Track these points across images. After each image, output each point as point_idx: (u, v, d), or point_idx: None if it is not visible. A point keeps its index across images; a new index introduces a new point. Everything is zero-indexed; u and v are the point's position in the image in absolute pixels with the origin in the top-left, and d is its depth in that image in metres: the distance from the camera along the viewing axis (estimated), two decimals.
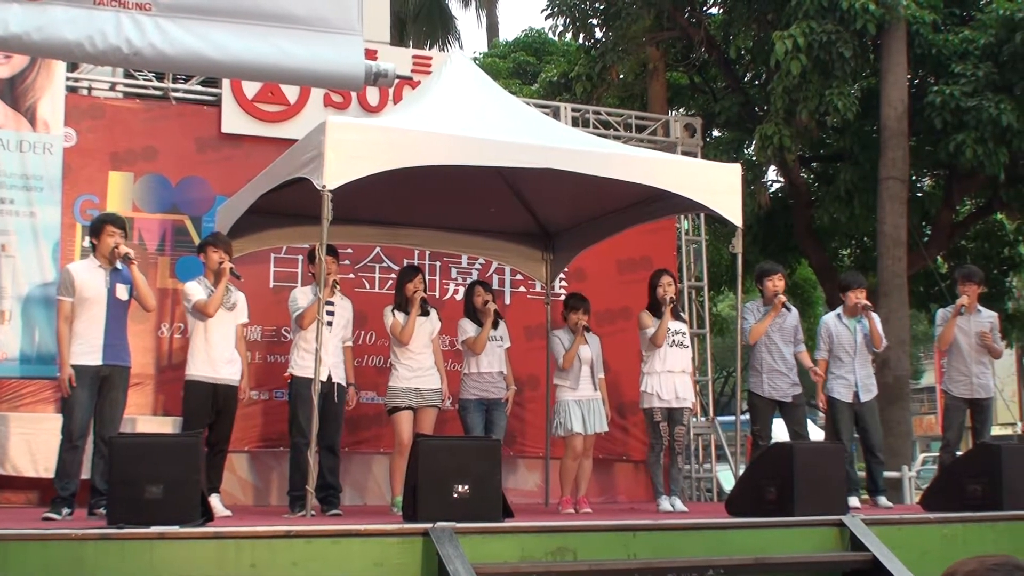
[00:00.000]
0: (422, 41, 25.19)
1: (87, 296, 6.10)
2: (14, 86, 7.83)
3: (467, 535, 4.86)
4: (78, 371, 6.00)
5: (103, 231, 6.20)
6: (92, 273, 6.18)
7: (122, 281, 6.24)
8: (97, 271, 6.18)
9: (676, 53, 13.38)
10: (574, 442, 7.15)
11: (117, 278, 6.21)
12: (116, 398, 6.15)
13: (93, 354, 6.07)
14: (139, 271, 6.33)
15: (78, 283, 6.10)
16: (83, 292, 6.10)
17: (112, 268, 6.20)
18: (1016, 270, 14.88)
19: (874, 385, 7.64)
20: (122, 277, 6.24)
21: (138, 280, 6.27)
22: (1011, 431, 26.37)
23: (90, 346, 6.07)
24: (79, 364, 6.02)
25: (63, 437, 6.01)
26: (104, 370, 6.09)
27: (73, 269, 6.26)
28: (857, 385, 7.48)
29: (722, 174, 6.77)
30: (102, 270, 6.18)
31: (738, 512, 6.04)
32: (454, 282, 9.09)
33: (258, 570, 4.54)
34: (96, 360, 6.07)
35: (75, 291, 6.10)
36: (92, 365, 6.06)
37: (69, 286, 6.12)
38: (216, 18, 3.78)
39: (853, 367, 7.49)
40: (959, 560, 1.56)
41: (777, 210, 13.55)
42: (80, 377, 6.00)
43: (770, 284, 7.48)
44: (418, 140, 5.88)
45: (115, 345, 6.17)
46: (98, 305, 6.12)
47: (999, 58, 10.52)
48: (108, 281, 6.17)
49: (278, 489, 8.06)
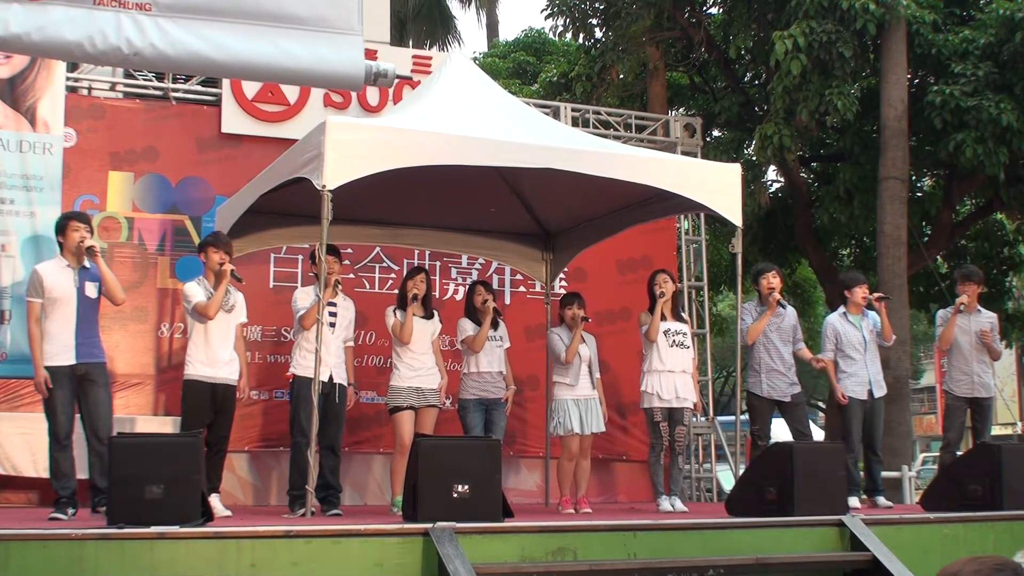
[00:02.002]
0: (422, 41, 25.19)
1: (56, 296, 6.06)
2: (14, 86, 7.83)
3: (467, 535, 4.86)
4: (53, 372, 5.97)
5: (67, 227, 6.16)
6: (60, 273, 6.14)
7: (91, 279, 6.19)
8: (65, 271, 6.14)
9: (676, 53, 13.38)
10: (570, 443, 7.15)
11: (86, 276, 6.17)
12: (99, 395, 6.13)
13: (66, 354, 6.04)
14: (105, 264, 6.27)
15: (47, 283, 6.07)
16: (52, 292, 6.06)
17: (80, 267, 6.17)
18: (1016, 270, 14.87)
19: (884, 382, 7.66)
20: (90, 275, 6.20)
21: (105, 274, 6.21)
22: (1011, 431, 26.38)
23: (62, 346, 6.04)
24: (53, 365, 5.99)
25: (50, 439, 6.00)
26: (80, 369, 6.06)
27: (41, 269, 6.20)
28: (870, 382, 7.49)
29: (722, 174, 6.77)
30: (70, 269, 6.15)
31: (738, 512, 6.04)
32: (454, 282, 9.09)
33: (258, 570, 4.54)
34: (70, 360, 6.04)
35: (44, 292, 6.06)
36: (66, 365, 6.02)
37: (38, 287, 6.08)
38: (216, 18, 3.78)
39: (864, 363, 7.49)
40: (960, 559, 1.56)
41: (777, 210, 13.55)
42: (56, 378, 5.97)
43: (765, 283, 7.49)
44: (418, 140, 5.88)
45: (87, 343, 6.13)
46: (68, 305, 6.08)
47: (999, 58, 10.52)
48: (77, 280, 6.14)
49: (278, 489, 8.06)
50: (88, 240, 6.15)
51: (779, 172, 13.96)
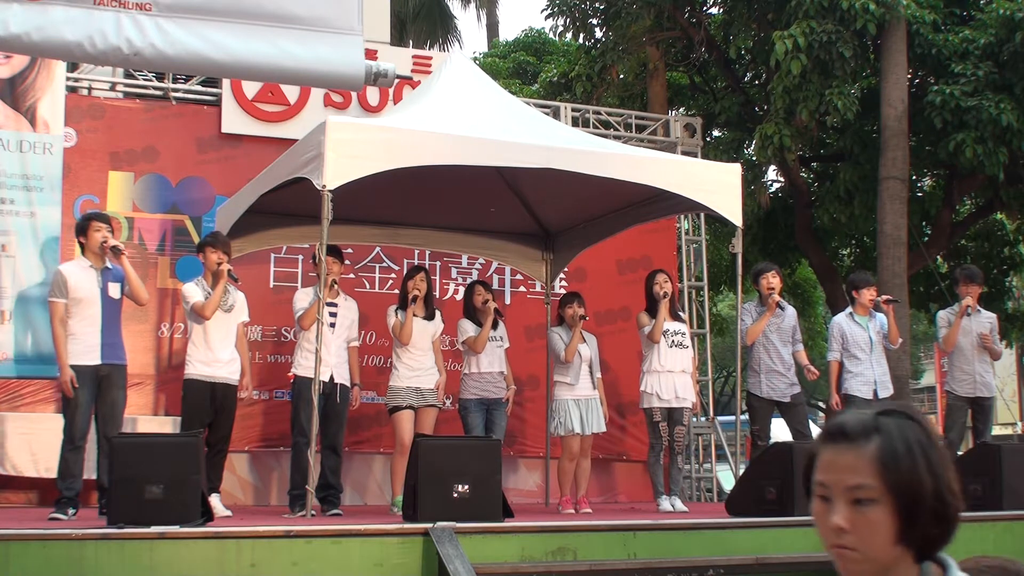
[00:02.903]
0: (422, 41, 25.18)
1: (80, 297, 6.09)
2: (14, 86, 7.83)
3: (467, 535, 4.86)
4: (77, 371, 6.00)
5: (89, 228, 6.20)
6: (84, 273, 6.17)
7: (114, 280, 6.23)
8: (88, 271, 6.18)
9: (676, 53, 13.38)
10: (571, 443, 7.14)
11: (109, 277, 6.21)
12: (116, 397, 6.15)
13: (91, 353, 6.07)
14: (129, 264, 6.31)
15: (71, 284, 6.09)
16: (76, 293, 6.09)
17: (103, 267, 6.20)
18: (1016, 270, 14.87)
19: (890, 383, 7.66)
20: (114, 276, 6.23)
21: (130, 273, 6.25)
22: (1011, 431, 26.37)
23: (87, 346, 6.07)
24: (78, 364, 6.02)
25: (65, 438, 6.00)
26: (103, 369, 6.10)
27: (65, 270, 6.24)
28: (876, 382, 7.49)
29: (722, 174, 6.78)
30: (93, 270, 6.18)
31: (738, 512, 6.04)
32: (454, 282, 9.09)
33: (258, 570, 4.54)
34: (95, 359, 6.07)
35: (68, 292, 6.09)
36: (91, 365, 6.06)
37: (62, 287, 6.10)
38: (216, 18, 3.78)
39: (871, 364, 7.50)
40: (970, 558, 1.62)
41: (777, 210, 13.55)
42: (80, 377, 6.00)
43: (764, 283, 7.50)
44: (418, 140, 5.88)
45: (112, 344, 6.17)
46: (92, 305, 6.12)
47: (999, 58, 10.52)
48: (100, 281, 6.17)
49: (278, 489, 8.06)
50: (111, 240, 6.17)
51: (779, 172, 13.96)
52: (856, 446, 1.52)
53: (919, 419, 1.56)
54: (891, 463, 1.49)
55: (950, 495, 1.51)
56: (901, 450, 1.50)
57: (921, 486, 1.49)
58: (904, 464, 1.50)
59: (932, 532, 1.51)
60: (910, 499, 1.49)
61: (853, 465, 1.51)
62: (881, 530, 1.49)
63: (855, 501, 1.50)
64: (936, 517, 1.50)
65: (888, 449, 1.50)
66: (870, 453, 1.50)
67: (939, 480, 1.50)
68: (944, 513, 1.51)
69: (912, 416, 1.56)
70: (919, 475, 1.49)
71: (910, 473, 1.49)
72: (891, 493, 1.49)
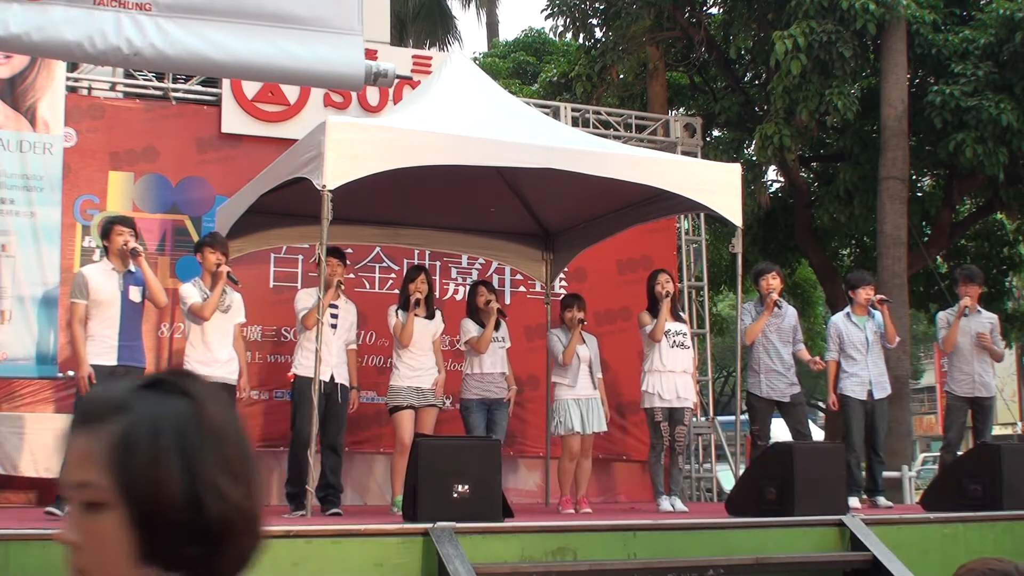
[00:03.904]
0: (422, 41, 25.19)
1: (101, 299, 6.18)
2: (14, 86, 7.83)
3: (467, 535, 4.86)
4: (94, 370, 6.06)
5: (112, 231, 6.30)
6: (106, 276, 6.26)
7: (135, 283, 6.32)
8: (111, 274, 6.27)
9: (676, 53, 13.38)
10: (571, 443, 7.14)
11: (130, 280, 6.30)
12: None
13: (108, 354, 6.16)
14: (147, 266, 6.39)
15: (92, 286, 6.18)
16: (97, 295, 6.18)
17: (126, 271, 6.28)
18: (1016, 270, 14.88)
19: (887, 383, 7.64)
20: (135, 279, 6.33)
21: (148, 275, 6.34)
22: (1011, 431, 26.37)
23: (105, 346, 6.16)
24: (95, 364, 6.10)
25: None
26: (119, 370, 6.14)
27: (87, 272, 6.34)
28: (871, 383, 7.47)
29: (722, 174, 6.77)
30: (115, 273, 6.27)
31: (738, 512, 6.04)
32: (454, 282, 9.08)
33: (257, 570, 4.53)
34: (111, 360, 6.15)
35: (89, 294, 6.17)
36: (108, 365, 6.13)
37: (83, 288, 6.19)
38: (216, 18, 3.78)
39: (866, 364, 7.48)
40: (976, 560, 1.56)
41: (777, 210, 13.56)
42: (96, 377, 6.05)
43: (764, 283, 7.50)
44: (418, 140, 5.88)
45: (130, 346, 6.25)
46: (112, 308, 6.20)
47: (999, 58, 10.52)
48: (121, 284, 6.26)
49: (278, 489, 8.04)
50: (132, 243, 6.22)
51: (779, 172, 13.96)
52: (91, 430, 1.12)
53: (196, 393, 1.15)
54: (125, 454, 1.10)
55: (216, 501, 1.11)
56: (143, 436, 1.10)
57: (160, 486, 1.09)
58: (143, 456, 1.10)
59: (192, 552, 1.12)
60: (146, 504, 1.09)
61: (84, 456, 1.12)
62: (112, 546, 1.10)
63: (86, 505, 1.11)
64: (193, 531, 1.11)
65: (126, 435, 1.11)
66: (104, 440, 1.11)
67: (196, 479, 1.10)
68: (204, 527, 1.11)
69: (186, 390, 1.15)
70: (160, 471, 1.09)
71: (147, 468, 1.09)
72: (123, 495, 1.10)
